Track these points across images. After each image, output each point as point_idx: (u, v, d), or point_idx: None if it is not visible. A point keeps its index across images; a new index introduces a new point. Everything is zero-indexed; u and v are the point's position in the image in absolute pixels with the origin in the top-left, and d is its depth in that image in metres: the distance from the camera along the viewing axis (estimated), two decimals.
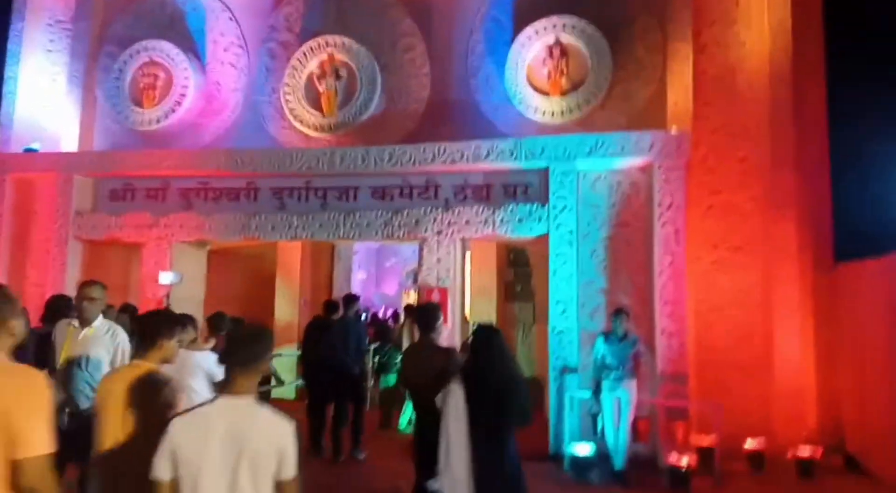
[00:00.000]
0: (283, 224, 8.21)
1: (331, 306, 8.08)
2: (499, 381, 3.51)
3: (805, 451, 6.81)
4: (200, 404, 2.27)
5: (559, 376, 7.03)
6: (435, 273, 7.64)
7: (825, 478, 6.69)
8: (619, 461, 6.29)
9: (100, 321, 4.32)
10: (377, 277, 19.23)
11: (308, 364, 7.39)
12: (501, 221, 7.54)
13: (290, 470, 2.15)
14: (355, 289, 14.85)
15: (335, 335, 7.12)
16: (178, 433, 2.14)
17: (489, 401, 3.47)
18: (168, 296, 8.10)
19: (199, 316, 8.88)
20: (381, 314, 16.75)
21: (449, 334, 7.45)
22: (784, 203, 7.97)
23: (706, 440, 6.68)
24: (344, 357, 7.05)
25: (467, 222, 7.66)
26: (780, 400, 7.56)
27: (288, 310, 11.55)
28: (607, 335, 6.52)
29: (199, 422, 2.15)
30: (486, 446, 3.43)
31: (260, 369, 2.29)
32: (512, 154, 7.59)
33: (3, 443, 1.79)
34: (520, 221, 7.50)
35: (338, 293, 13.19)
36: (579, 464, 6.35)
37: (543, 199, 7.57)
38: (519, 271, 12.70)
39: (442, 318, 4.31)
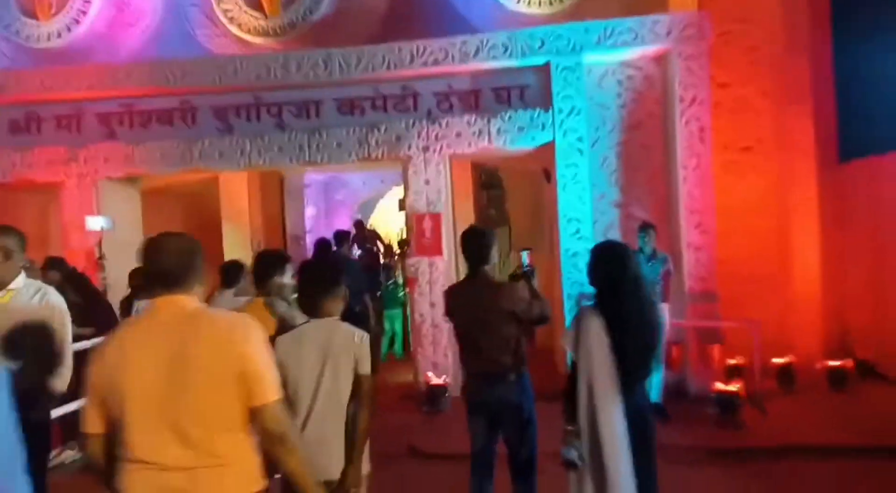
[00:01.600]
0: (233, 150, 6.84)
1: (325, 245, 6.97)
2: (645, 315, 2.63)
3: (835, 361, 6.33)
4: (297, 327, 2.70)
5: (575, 304, 6.20)
6: (424, 197, 6.53)
7: (855, 388, 6.27)
8: (654, 394, 5.58)
9: (21, 282, 3.10)
10: (326, 211, 17.95)
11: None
12: (498, 131, 6.44)
13: (364, 367, 2.57)
14: (307, 226, 13.60)
15: None
16: (282, 348, 2.55)
17: (632, 342, 2.59)
18: (100, 245, 6.71)
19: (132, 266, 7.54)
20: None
21: (445, 268, 6.48)
22: (798, 96, 7.21)
23: (738, 361, 6.09)
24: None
25: (458, 135, 6.52)
26: (796, 310, 7.07)
27: (239, 254, 10.23)
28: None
29: (297, 338, 2.60)
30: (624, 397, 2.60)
31: (340, 295, 2.69)
32: (506, 51, 6.41)
33: (239, 392, 1.80)
34: (520, 129, 6.42)
35: (290, 232, 12.00)
36: None
37: (544, 102, 6.50)
38: (492, 194, 11.73)
39: (496, 245, 3.29)
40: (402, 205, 6.68)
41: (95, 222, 6.64)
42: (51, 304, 3.05)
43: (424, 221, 6.44)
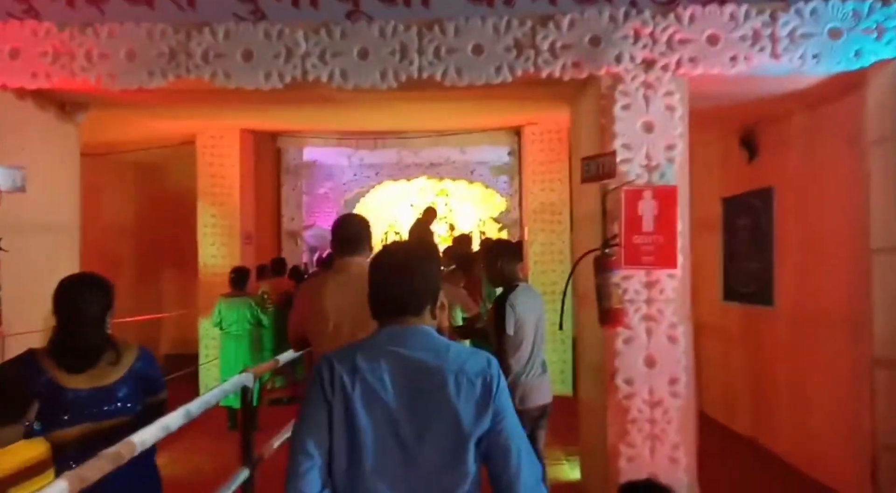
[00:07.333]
0: (267, 51, 3.60)
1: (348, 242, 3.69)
2: None
3: None
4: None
5: None
6: (643, 154, 3.47)
7: None
8: None
9: None
10: (309, 205, 14.77)
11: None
12: (790, 36, 3.45)
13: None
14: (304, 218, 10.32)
15: None
16: (516, 299, 3.38)
17: None
18: None
19: (76, 262, 4.23)
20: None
21: (678, 290, 3.45)
22: None
23: None
24: None
25: (711, 41, 3.48)
26: None
27: (220, 251, 7.04)
28: None
29: (527, 292, 3.52)
30: None
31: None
32: None
33: None
34: (833, 35, 3.45)
35: (287, 225, 9.00)
36: None
37: None
38: None
39: None
40: (595, 170, 3.46)
41: None
42: None
43: (642, 200, 3.37)
